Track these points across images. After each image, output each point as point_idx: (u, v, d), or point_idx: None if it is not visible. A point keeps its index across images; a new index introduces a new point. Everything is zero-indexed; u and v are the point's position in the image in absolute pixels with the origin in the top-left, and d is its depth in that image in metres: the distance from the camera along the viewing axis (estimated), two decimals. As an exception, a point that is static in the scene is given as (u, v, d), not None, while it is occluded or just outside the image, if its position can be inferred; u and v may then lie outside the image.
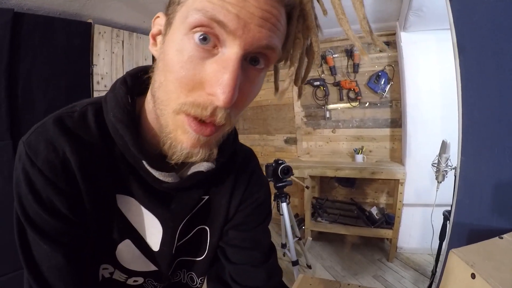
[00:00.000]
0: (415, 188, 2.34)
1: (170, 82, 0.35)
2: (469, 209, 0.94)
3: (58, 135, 0.41)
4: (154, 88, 0.39)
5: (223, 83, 0.32)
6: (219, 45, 0.34)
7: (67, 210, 0.41)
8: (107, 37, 1.82)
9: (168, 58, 0.35)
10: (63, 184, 0.41)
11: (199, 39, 0.33)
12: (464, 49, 0.90)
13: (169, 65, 0.35)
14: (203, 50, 0.33)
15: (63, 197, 0.41)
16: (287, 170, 1.96)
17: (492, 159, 0.86)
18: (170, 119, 0.37)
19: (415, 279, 2.12)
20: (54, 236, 0.42)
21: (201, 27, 0.32)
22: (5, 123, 1.34)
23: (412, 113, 2.35)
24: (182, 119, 0.36)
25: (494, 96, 0.85)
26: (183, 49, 0.34)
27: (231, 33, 0.32)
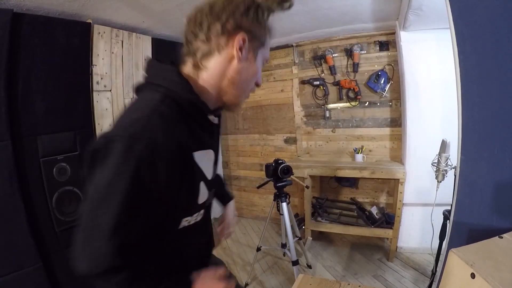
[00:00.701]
0: (415, 187, 2.34)
1: (249, 82, 0.71)
2: (469, 209, 0.94)
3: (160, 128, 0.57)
4: (239, 81, 0.68)
5: (261, 81, 0.74)
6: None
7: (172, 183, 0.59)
8: (107, 37, 1.82)
9: (252, 69, 0.69)
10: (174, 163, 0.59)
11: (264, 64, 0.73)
12: (464, 48, 0.90)
13: (256, 73, 0.71)
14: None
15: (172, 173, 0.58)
16: (287, 169, 1.96)
17: (492, 159, 0.85)
18: (243, 97, 0.72)
19: (415, 279, 2.12)
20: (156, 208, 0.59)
21: (266, 61, 0.73)
22: (4, 123, 1.34)
23: (412, 112, 2.35)
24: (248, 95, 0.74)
25: (494, 96, 0.84)
26: (259, 67, 0.71)
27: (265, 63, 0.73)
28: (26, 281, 1.39)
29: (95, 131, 1.76)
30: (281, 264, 2.49)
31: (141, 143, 0.52)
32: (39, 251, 1.44)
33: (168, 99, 0.60)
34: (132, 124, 0.55)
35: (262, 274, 2.38)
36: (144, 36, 2.07)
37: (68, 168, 1.58)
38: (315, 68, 2.91)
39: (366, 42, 2.68)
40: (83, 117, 1.70)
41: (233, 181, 3.63)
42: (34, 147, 1.46)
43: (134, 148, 0.51)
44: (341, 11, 2.15)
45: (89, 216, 0.54)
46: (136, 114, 0.57)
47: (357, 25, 2.50)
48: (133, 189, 0.52)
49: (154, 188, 0.55)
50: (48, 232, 1.50)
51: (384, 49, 2.61)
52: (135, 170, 0.52)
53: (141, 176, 0.52)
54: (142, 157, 0.52)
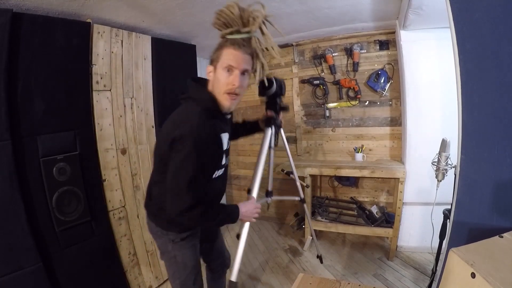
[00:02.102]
0: (415, 186, 2.34)
1: (220, 84, 1.09)
2: (469, 208, 0.94)
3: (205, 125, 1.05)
4: (213, 88, 1.12)
5: (236, 80, 1.08)
6: (232, 71, 1.08)
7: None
8: (106, 36, 1.81)
9: (218, 78, 1.09)
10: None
11: (227, 71, 1.08)
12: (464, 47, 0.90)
13: (219, 80, 1.09)
14: (228, 73, 1.08)
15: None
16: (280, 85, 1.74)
17: (492, 158, 0.86)
18: (220, 97, 1.10)
19: (415, 278, 2.12)
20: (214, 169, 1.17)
21: (227, 67, 1.08)
22: (4, 123, 1.33)
23: (412, 111, 2.35)
24: (225, 96, 1.10)
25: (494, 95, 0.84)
26: (223, 74, 1.08)
27: (234, 67, 1.08)
28: (26, 281, 1.39)
29: (95, 130, 1.75)
30: (280, 264, 2.50)
31: (198, 137, 0.99)
32: (39, 251, 1.44)
33: (204, 109, 1.07)
34: (193, 127, 1.00)
35: (263, 273, 2.38)
36: (144, 36, 2.07)
37: (68, 167, 1.58)
38: (315, 67, 2.91)
39: (366, 41, 2.68)
40: (83, 117, 1.69)
41: (233, 180, 3.63)
42: (34, 147, 1.46)
43: (196, 140, 0.99)
44: (341, 10, 2.15)
45: (173, 180, 1.02)
46: (190, 119, 1.02)
47: (357, 24, 2.49)
48: (197, 161, 1.00)
49: (207, 159, 1.05)
50: (48, 232, 1.50)
51: (384, 48, 2.61)
52: (196, 151, 0.99)
53: (200, 154, 1.00)
54: (200, 145, 0.99)
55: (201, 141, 0.99)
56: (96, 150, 1.76)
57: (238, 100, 1.14)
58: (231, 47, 1.06)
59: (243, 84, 1.11)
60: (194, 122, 1.01)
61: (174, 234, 1.23)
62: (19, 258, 1.37)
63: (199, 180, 1.02)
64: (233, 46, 1.06)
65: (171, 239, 1.24)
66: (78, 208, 1.62)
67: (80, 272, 1.63)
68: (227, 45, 1.07)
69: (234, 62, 1.06)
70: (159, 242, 1.30)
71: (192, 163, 0.99)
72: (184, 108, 1.13)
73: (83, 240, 1.66)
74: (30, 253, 1.41)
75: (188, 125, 1.01)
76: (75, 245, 1.62)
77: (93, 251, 1.70)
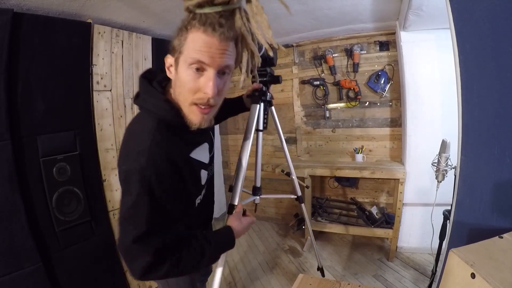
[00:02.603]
0: (415, 187, 2.34)
1: (184, 91, 0.73)
2: (469, 209, 0.94)
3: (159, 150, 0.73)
4: (176, 94, 0.76)
5: (210, 86, 0.70)
6: (204, 70, 0.70)
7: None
8: (107, 37, 1.81)
9: (181, 80, 0.72)
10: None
11: (195, 69, 0.70)
12: (464, 48, 0.90)
13: (183, 83, 0.72)
14: (197, 74, 0.70)
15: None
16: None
17: (492, 159, 0.86)
18: (186, 109, 0.74)
19: (415, 279, 2.12)
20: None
21: (194, 64, 0.69)
22: (4, 123, 1.33)
23: (412, 112, 2.35)
24: (193, 108, 0.74)
25: (494, 96, 0.84)
26: (188, 74, 0.71)
27: (207, 65, 0.69)
28: (26, 281, 1.39)
29: (95, 131, 1.75)
30: (281, 264, 2.49)
31: (149, 171, 0.68)
32: (39, 251, 1.44)
33: (161, 123, 0.75)
34: (139, 157, 0.69)
35: (262, 274, 2.38)
36: (144, 36, 2.07)
37: (68, 167, 1.58)
38: (315, 68, 2.91)
39: (366, 42, 2.68)
40: (83, 117, 1.69)
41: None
42: (34, 147, 1.46)
43: (145, 177, 0.68)
44: (341, 11, 2.15)
45: (121, 237, 0.70)
46: (140, 147, 0.71)
47: (357, 25, 2.49)
48: (150, 207, 0.68)
49: (166, 196, 0.72)
50: (48, 232, 1.50)
51: (384, 49, 2.61)
52: (149, 191, 0.68)
53: (154, 193, 0.69)
54: (151, 181, 0.68)
55: (156, 177, 0.69)
56: (96, 150, 1.76)
57: (214, 112, 0.79)
58: (200, 29, 0.67)
59: (222, 89, 0.74)
60: (143, 149, 0.70)
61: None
62: (19, 258, 1.37)
63: (157, 230, 0.71)
64: (204, 28, 0.66)
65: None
66: (78, 208, 1.62)
67: (80, 272, 1.63)
68: (194, 26, 0.67)
69: (207, 57, 0.68)
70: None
71: (141, 213, 0.68)
72: (136, 121, 0.81)
73: (83, 240, 1.66)
74: (30, 253, 1.40)
75: (134, 154, 0.70)
76: (75, 245, 1.62)
77: (93, 251, 1.70)
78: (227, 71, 0.73)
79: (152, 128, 0.73)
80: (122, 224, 0.70)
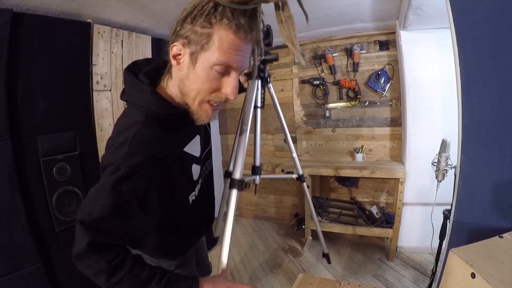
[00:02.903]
0: (415, 187, 2.34)
1: (201, 89, 0.67)
2: (469, 208, 0.94)
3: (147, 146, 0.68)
4: (184, 88, 0.69)
5: (233, 89, 0.68)
6: (228, 72, 0.67)
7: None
8: (106, 36, 1.81)
9: (199, 77, 0.66)
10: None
11: (218, 71, 0.65)
12: (464, 47, 0.90)
13: (201, 81, 0.66)
14: (220, 76, 0.66)
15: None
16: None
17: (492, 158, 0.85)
18: (195, 105, 0.70)
19: (415, 278, 2.12)
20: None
21: (220, 66, 0.64)
22: (4, 123, 1.33)
23: (412, 112, 2.35)
24: (206, 106, 0.70)
25: (494, 95, 0.84)
26: (209, 74, 0.65)
27: (233, 68, 0.66)
28: (26, 281, 1.39)
29: (95, 131, 1.75)
30: (281, 264, 2.50)
31: (124, 168, 0.62)
32: (39, 251, 1.44)
33: (150, 117, 0.69)
34: (118, 149, 0.64)
35: (263, 274, 2.38)
36: (144, 36, 2.07)
37: (68, 167, 1.58)
38: (315, 67, 2.91)
39: (366, 41, 2.68)
40: (83, 117, 1.70)
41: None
42: (34, 146, 1.46)
43: (118, 171, 0.62)
44: (341, 10, 2.15)
45: (80, 209, 0.65)
46: (122, 137, 0.66)
47: (357, 25, 2.49)
48: (113, 201, 0.62)
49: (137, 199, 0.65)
50: (48, 232, 1.50)
51: (384, 48, 2.61)
52: (117, 188, 0.62)
53: (122, 193, 0.62)
54: (123, 177, 0.62)
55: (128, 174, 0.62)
56: (96, 150, 1.76)
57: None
58: (231, 29, 0.60)
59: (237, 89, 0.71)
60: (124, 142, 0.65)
61: (166, 262, 0.92)
62: (19, 258, 1.37)
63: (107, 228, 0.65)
64: (237, 29, 0.60)
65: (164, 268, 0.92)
66: (78, 208, 1.62)
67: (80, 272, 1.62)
68: (221, 23, 0.60)
69: (236, 61, 0.64)
70: None
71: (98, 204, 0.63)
72: (122, 116, 0.76)
73: (83, 240, 1.66)
74: (30, 253, 1.41)
75: (114, 147, 0.66)
76: (75, 245, 1.62)
77: (93, 251, 1.70)
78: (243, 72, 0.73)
79: (139, 123, 0.68)
80: (82, 203, 0.66)
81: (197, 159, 0.87)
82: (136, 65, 0.79)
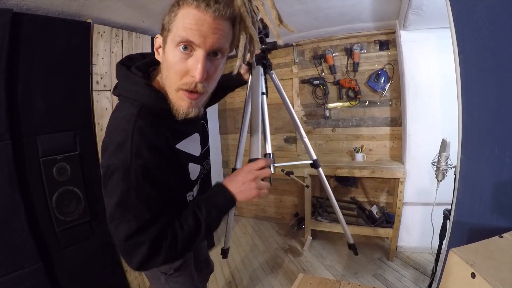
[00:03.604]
0: (415, 186, 2.34)
1: (171, 73, 0.66)
2: (469, 208, 0.94)
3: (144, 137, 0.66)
4: (163, 78, 0.70)
5: (198, 69, 0.63)
6: (193, 50, 0.64)
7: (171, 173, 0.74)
8: (106, 36, 1.81)
9: (168, 61, 0.66)
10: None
11: (182, 49, 0.64)
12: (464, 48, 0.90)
13: (169, 64, 0.66)
14: (185, 54, 0.64)
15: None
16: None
17: (492, 158, 0.85)
18: (173, 95, 0.68)
19: (415, 278, 2.12)
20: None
21: (182, 43, 0.63)
22: (4, 123, 1.33)
23: (412, 111, 2.35)
24: (180, 93, 0.67)
25: (494, 95, 0.84)
26: (175, 55, 0.64)
27: (197, 45, 0.63)
28: (26, 281, 1.39)
29: (95, 130, 1.75)
30: (281, 264, 2.50)
31: (133, 165, 0.62)
32: (39, 251, 1.44)
33: (143, 110, 0.68)
34: (120, 149, 0.63)
35: (263, 274, 2.38)
36: (144, 36, 2.07)
37: (68, 167, 1.58)
38: (315, 67, 2.90)
39: (366, 41, 2.68)
40: (83, 117, 1.70)
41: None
42: (34, 146, 1.46)
43: (129, 171, 0.62)
44: (341, 10, 2.15)
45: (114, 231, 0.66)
46: (120, 137, 0.64)
47: (357, 25, 2.49)
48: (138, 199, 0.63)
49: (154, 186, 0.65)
50: (48, 232, 1.50)
51: (384, 48, 2.61)
52: (135, 186, 0.62)
53: (141, 187, 0.63)
54: (137, 175, 0.62)
55: (141, 170, 0.63)
56: (96, 150, 1.76)
57: (205, 100, 0.73)
58: (193, 4, 0.61)
59: (213, 74, 0.68)
60: (123, 140, 0.63)
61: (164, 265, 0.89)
62: (19, 258, 1.37)
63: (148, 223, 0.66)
64: (197, 3, 0.60)
65: (162, 271, 0.95)
66: (78, 208, 1.62)
67: (80, 272, 1.63)
68: (186, 1, 0.62)
69: (197, 36, 0.61)
70: (148, 274, 1.02)
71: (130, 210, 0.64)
72: (114, 111, 0.75)
73: (83, 240, 1.66)
74: (30, 253, 1.41)
75: (114, 147, 0.64)
76: (75, 245, 1.62)
77: (93, 251, 1.70)
78: (219, 53, 0.67)
79: (132, 116, 0.66)
80: (112, 223, 0.66)
81: (196, 159, 0.85)
82: (130, 59, 0.79)
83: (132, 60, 0.79)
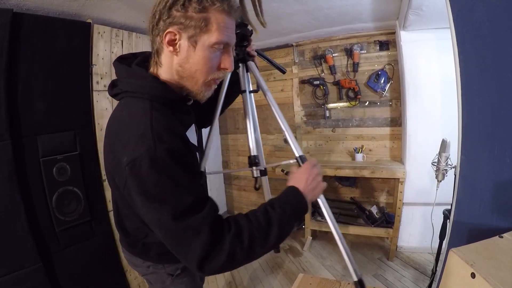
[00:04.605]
0: (415, 187, 2.34)
1: (204, 69, 0.71)
2: (469, 208, 0.94)
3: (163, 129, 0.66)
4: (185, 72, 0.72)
5: (231, 63, 0.74)
6: (225, 49, 0.72)
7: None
8: (107, 36, 1.81)
9: (201, 58, 0.70)
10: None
11: (218, 50, 0.71)
12: (464, 48, 0.90)
13: (203, 61, 0.70)
14: (218, 53, 0.71)
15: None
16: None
17: (492, 159, 0.86)
18: (199, 85, 0.74)
19: (415, 278, 2.12)
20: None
21: (220, 45, 0.70)
22: (4, 123, 1.34)
23: (411, 112, 2.35)
24: (210, 82, 0.74)
25: (494, 96, 0.84)
26: (210, 53, 0.70)
27: (229, 45, 0.73)
28: (26, 281, 1.39)
29: (95, 131, 1.75)
30: (281, 264, 2.50)
31: (158, 151, 0.61)
32: (39, 251, 1.44)
33: (154, 103, 0.70)
34: (142, 140, 0.62)
35: (263, 274, 2.38)
36: (144, 36, 2.07)
37: (68, 167, 1.58)
38: (315, 67, 2.90)
39: (366, 41, 2.68)
40: (83, 117, 1.70)
41: (233, 180, 3.63)
42: (34, 146, 1.46)
43: (156, 158, 0.60)
44: (341, 11, 2.15)
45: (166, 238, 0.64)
46: (139, 130, 0.64)
47: (357, 25, 2.49)
48: (175, 181, 0.62)
49: (188, 169, 0.66)
50: (48, 232, 1.50)
51: (384, 48, 2.61)
52: (166, 170, 0.61)
53: (173, 170, 0.62)
54: (165, 160, 0.61)
55: (168, 153, 0.62)
56: (96, 150, 1.76)
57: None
58: (225, 11, 0.68)
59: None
60: (143, 131, 0.63)
61: (170, 266, 0.90)
62: (19, 258, 1.37)
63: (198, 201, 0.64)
64: (228, 10, 0.68)
65: (169, 272, 0.91)
66: (78, 208, 1.62)
67: (80, 272, 1.63)
68: (214, 6, 0.66)
69: (231, 38, 0.73)
70: (151, 277, 0.95)
71: (170, 195, 0.62)
72: (120, 109, 0.75)
73: (83, 240, 1.66)
74: (30, 253, 1.41)
75: (134, 140, 0.63)
76: (75, 245, 1.62)
77: (93, 251, 1.70)
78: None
79: (145, 109, 0.67)
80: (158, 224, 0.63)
81: (196, 148, 0.85)
82: (124, 59, 0.80)
83: (127, 59, 0.80)
